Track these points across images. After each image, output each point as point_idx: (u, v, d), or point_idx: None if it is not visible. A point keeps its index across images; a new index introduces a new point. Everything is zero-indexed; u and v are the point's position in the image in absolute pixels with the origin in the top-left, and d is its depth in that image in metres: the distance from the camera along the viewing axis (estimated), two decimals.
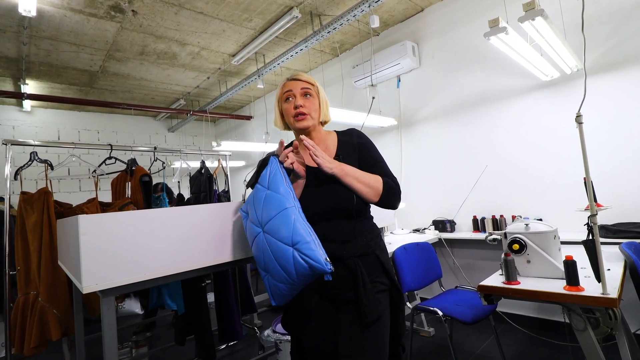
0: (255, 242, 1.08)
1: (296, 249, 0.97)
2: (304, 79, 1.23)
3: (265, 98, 5.50)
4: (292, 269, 0.98)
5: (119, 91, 4.82)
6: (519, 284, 1.49)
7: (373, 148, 1.26)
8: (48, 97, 4.33)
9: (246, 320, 3.23)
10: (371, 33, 3.72)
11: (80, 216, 1.06)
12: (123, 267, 1.12)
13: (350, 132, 1.28)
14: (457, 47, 3.16)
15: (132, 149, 2.72)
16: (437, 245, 3.08)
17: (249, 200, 1.16)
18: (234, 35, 3.50)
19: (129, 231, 1.14)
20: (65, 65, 3.83)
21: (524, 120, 2.77)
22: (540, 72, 2.44)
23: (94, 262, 1.07)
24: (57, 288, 2.13)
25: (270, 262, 1.02)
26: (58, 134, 5.31)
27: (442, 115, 3.31)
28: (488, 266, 2.97)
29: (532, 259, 1.56)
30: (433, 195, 3.40)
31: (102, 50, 3.57)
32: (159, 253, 1.18)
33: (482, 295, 1.53)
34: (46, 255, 2.12)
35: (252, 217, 1.11)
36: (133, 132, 6.04)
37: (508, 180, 2.87)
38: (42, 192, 2.16)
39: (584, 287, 1.32)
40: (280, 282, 1.02)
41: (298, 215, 1.02)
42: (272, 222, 1.02)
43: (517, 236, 1.60)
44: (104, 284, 1.08)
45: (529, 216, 2.69)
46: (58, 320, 2.08)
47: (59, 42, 3.31)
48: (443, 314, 1.98)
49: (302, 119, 1.19)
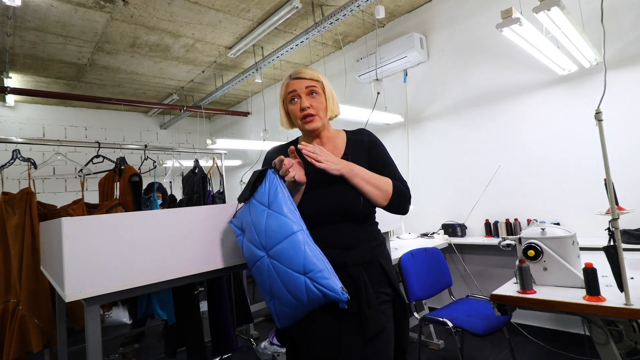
0: (257, 266, 1.06)
1: (309, 277, 0.99)
2: (307, 76, 1.22)
3: (263, 93, 5.50)
4: (304, 297, 0.99)
5: (109, 85, 4.83)
6: (535, 293, 1.47)
7: (384, 149, 1.27)
8: (33, 91, 4.34)
9: (242, 331, 3.22)
10: (376, 24, 3.72)
11: (63, 219, 1.05)
12: (109, 273, 1.11)
13: (360, 132, 1.29)
14: (468, 39, 3.15)
15: (121, 147, 2.71)
16: (446, 250, 3.06)
17: (244, 216, 1.12)
18: (231, 26, 3.49)
19: (116, 235, 1.13)
20: (52, 58, 3.84)
21: (540, 117, 2.75)
22: (556, 65, 2.43)
23: (77, 268, 1.06)
24: (39, 296, 2.12)
25: (278, 288, 1.02)
26: (43, 130, 5.33)
27: (451, 111, 3.29)
28: (502, 274, 2.95)
29: (548, 266, 1.55)
30: (442, 197, 3.38)
31: (90, 42, 3.57)
32: (148, 258, 1.17)
33: (495, 305, 1.52)
34: (28, 261, 2.11)
35: (251, 238, 1.08)
36: (123, 129, 6.05)
37: (523, 182, 2.85)
38: (25, 192, 2.16)
39: (606, 297, 1.31)
40: (289, 307, 1.03)
41: (307, 240, 1.02)
42: (279, 248, 1.02)
43: (533, 241, 1.58)
44: (88, 292, 1.07)
45: (545, 220, 2.68)
46: (39, 330, 2.07)
47: (45, 34, 3.32)
48: (453, 325, 1.97)
49: (311, 121, 1.20)
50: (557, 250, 1.54)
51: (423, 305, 2.99)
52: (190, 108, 5.24)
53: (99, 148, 2.56)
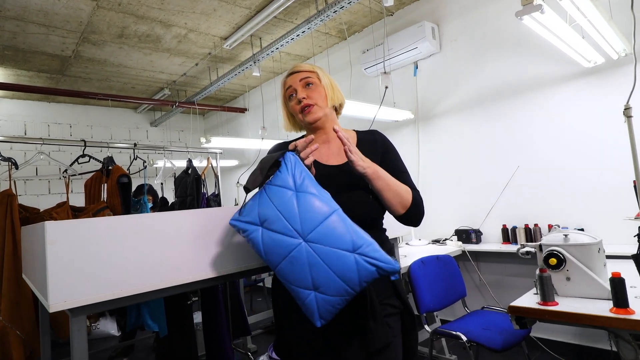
0: (292, 256, 1.02)
1: (359, 253, 0.99)
2: (301, 69, 1.26)
3: (261, 87, 5.52)
4: (355, 277, 0.98)
5: (95, 79, 4.86)
6: (557, 305, 1.46)
7: (398, 155, 1.29)
8: (13, 85, 4.37)
9: (238, 344, 3.23)
10: (384, 12, 3.72)
11: (47, 222, 1.06)
12: (97, 282, 1.11)
13: (372, 133, 1.31)
14: (484, 29, 3.15)
15: (109, 146, 2.73)
16: (460, 258, 3.06)
17: (261, 207, 1.08)
18: (226, 15, 3.51)
19: (104, 240, 1.13)
20: (34, 50, 3.86)
21: (563, 113, 2.74)
22: (581, 57, 2.42)
23: (62, 275, 1.06)
24: (20, 306, 2.13)
25: (324, 274, 1.00)
26: (25, 128, 5.36)
27: (466, 107, 3.29)
28: (520, 284, 2.94)
29: (572, 275, 1.54)
30: (455, 200, 3.38)
31: (75, 33, 3.59)
32: (138, 266, 1.18)
33: (513, 318, 1.51)
34: (9, 268, 2.12)
35: (279, 227, 1.04)
36: (110, 126, 6.08)
37: (543, 184, 2.84)
38: (5, 194, 2.17)
39: (635, 309, 1.30)
40: (338, 295, 1.01)
41: (347, 217, 1.03)
42: (322, 229, 1.01)
43: (555, 249, 1.58)
44: (73, 302, 1.07)
45: (568, 225, 2.67)
46: (21, 342, 2.09)
47: (26, 23, 3.34)
48: (467, 339, 1.96)
49: (309, 111, 1.22)
50: (582, 258, 1.53)
51: (434, 318, 2.98)
52: (183, 104, 5.26)
53: (84, 147, 2.57)
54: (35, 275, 1.36)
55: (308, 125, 1.27)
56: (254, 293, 5.23)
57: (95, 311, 1.16)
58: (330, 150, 1.27)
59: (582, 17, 1.84)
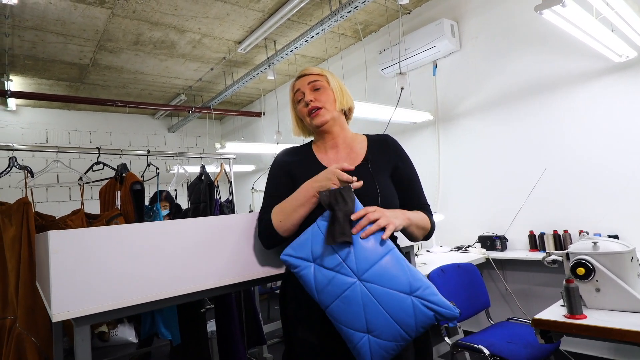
0: (345, 296, 0.99)
1: (416, 296, 0.97)
2: (310, 72, 1.28)
3: (276, 91, 5.56)
4: (412, 322, 0.96)
5: (113, 86, 5.00)
6: (585, 318, 1.40)
7: (412, 164, 1.29)
8: (34, 94, 4.55)
9: (253, 353, 3.22)
10: (400, 11, 3.69)
11: (51, 232, 1.08)
12: (101, 291, 1.13)
13: (384, 139, 1.30)
14: (506, 25, 3.08)
15: (123, 153, 2.79)
16: (484, 266, 2.99)
17: (315, 242, 1.05)
18: (240, 18, 3.55)
19: (109, 249, 1.15)
20: (53, 59, 4.01)
21: (593, 111, 2.65)
22: (611, 51, 2.34)
23: (66, 285, 1.08)
24: (36, 313, 2.19)
25: (378, 317, 0.97)
26: (46, 135, 5.57)
27: (488, 107, 3.22)
28: (550, 294, 2.84)
29: (602, 286, 1.47)
30: (479, 205, 3.30)
31: (92, 41, 3.71)
32: (144, 275, 1.19)
33: (537, 332, 1.46)
34: (25, 275, 2.19)
35: (333, 264, 1.02)
36: (129, 132, 6.25)
37: (573, 187, 2.75)
38: (21, 202, 2.24)
39: None
40: (394, 340, 0.98)
41: (403, 256, 1.03)
42: (378, 268, 1.00)
43: (583, 257, 1.51)
44: (77, 311, 1.09)
45: (600, 232, 2.56)
46: (37, 349, 2.14)
47: (45, 33, 3.47)
48: (490, 352, 1.90)
49: (317, 114, 1.23)
50: (612, 267, 1.46)
51: (457, 329, 2.90)
52: (199, 109, 5.35)
53: (99, 154, 2.64)
54: (43, 283, 1.39)
55: (316, 129, 1.27)
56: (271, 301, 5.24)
57: (100, 321, 1.17)
58: (339, 155, 1.27)
59: (609, 9, 1.76)
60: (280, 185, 1.25)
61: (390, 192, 1.18)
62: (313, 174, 1.18)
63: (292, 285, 1.18)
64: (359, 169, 1.21)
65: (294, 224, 1.15)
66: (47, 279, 1.13)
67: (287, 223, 1.15)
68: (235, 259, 1.33)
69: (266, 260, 1.37)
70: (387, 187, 1.18)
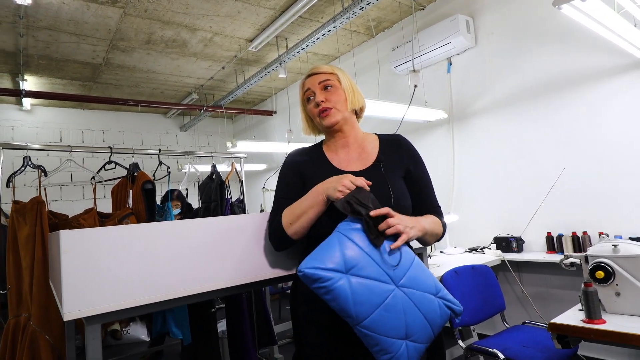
0: (387, 304, 0.97)
1: (440, 297, 1.03)
2: (320, 71, 1.27)
3: (288, 90, 5.57)
4: (439, 321, 1.02)
5: (125, 85, 5.08)
6: (604, 323, 1.39)
7: (425, 167, 1.29)
8: (48, 94, 4.65)
9: (264, 353, 3.24)
10: (414, 7, 3.66)
11: (62, 231, 1.10)
12: (111, 290, 1.14)
13: (397, 139, 1.30)
14: (523, 21, 3.04)
15: (134, 152, 2.83)
16: (499, 268, 2.95)
17: (347, 250, 0.99)
18: (251, 16, 3.57)
19: (119, 249, 1.17)
20: (66, 58, 4.09)
21: (614, 109, 2.59)
22: (633, 47, 2.28)
23: (76, 284, 1.10)
24: (50, 311, 2.23)
25: (417, 321, 0.98)
26: (60, 134, 5.68)
27: (505, 105, 3.18)
28: (568, 297, 2.80)
29: (622, 290, 1.45)
30: (494, 205, 3.27)
31: (104, 40, 3.77)
32: (155, 274, 1.20)
33: (554, 337, 1.45)
34: (39, 273, 2.23)
35: (371, 272, 0.98)
36: (141, 131, 6.34)
37: (592, 187, 2.70)
38: (35, 201, 2.29)
39: None
40: (426, 342, 1.00)
41: None
42: (411, 272, 1.03)
43: (602, 260, 1.49)
44: (87, 310, 1.11)
45: (621, 234, 2.51)
46: (50, 347, 2.19)
47: (58, 33, 3.54)
48: (505, 357, 1.88)
49: (327, 115, 1.22)
50: (633, 271, 1.44)
51: (471, 332, 2.87)
52: (211, 108, 5.39)
53: (111, 154, 2.68)
54: (55, 283, 1.42)
55: (326, 129, 1.27)
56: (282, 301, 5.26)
57: (110, 320, 1.19)
58: (350, 155, 1.26)
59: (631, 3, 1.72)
60: (290, 186, 1.26)
61: (402, 193, 1.18)
62: (324, 174, 1.18)
63: (303, 286, 1.18)
64: (371, 169, 1.20)
65: (303, 226, 1.15)
66: (58, 278, 1.15)
67: (297, 225, 1.15)
68: (245, 259, 1.34)
69: (277, 261, 1.38)
70: (399, 188, 1.18)
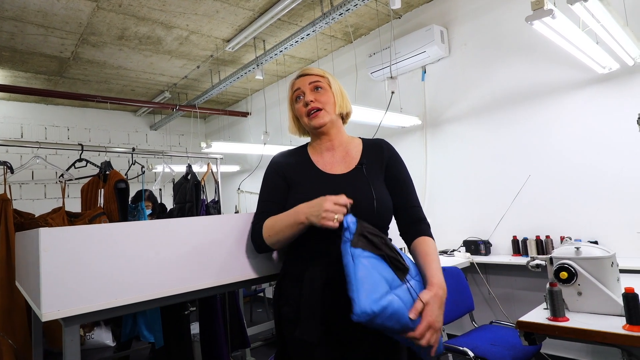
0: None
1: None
2: (312, 72, 1.28)
3: (264, 91, 5.55)
4: None
5: (94, 81, 4.92)
6: (568, 320, 1.46)
7: (404, 167, 1.31)
8: (10, 87, 4.43)
9: (237, 356, 3.22)
10: (391, 15, 3.75)
11: (41, 229, 1.08)
12: (91, 290, 1.13)
13: (379, 143, 1.32)
14: (495, 33, 3.16)
15: (107, 150, 2.76)
16: (468, 270, 3.04)
17: (378, 271, 1.01)
18: (229, 16, 3.55)
19: (99, 248, 1.15)
20: (32, 51, 3.92)
21: (576, 121, 2.74)
22: (595, 63, 2.43)
23: (56, 284, 1.08)
24: (13, 314, 2.15)
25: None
26: (21, 130, 5.43)
27: (475, 113, 3.29)
28: (531, 297, 2.92)
29: (584, 290, 1.53)
30: (464, 210, 3.37)
31: (74, 34, 3.65)
32: (134, 275, 1.19)
33: (521, 334, 1.51)
34: (2, 275, 2.14)
35: (397, 282, 1.04)
36: (109, 129, 6.15)
37: (556, 194, 2.83)
38: (0, 199, 2.20)
39: None
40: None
41: None
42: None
43: (566, 262, 1.57)
44: (67, 311, 1.09)
45: (581, 238, 2.65)
46: (14, 352, 2.10)
47: (25, 24, 3.39)
48: (474, 355, 1.95)
49: (316, 116, 1.24)
50: (594, 272, 1.52)
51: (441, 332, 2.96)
52: (184, 107, 5.30)
53: (81, 151, 2.60)
54: (28, 283, 1.38)
55: (313, 130, 1.28)
56: (254, 303, 5.23)
57: (89, 320, 1.17)
58: (334, 158, 1.28)
59: (595, 22, 1.85)
60: (275, 189, 1.27)
61: (384, 195, 1.21)
62: (308, 176, 1.21)
63: (287, 285, 1.20)
64: (354, 172, 1.23)
65: (280, 241, 1.18)
66: (35, 278, 1.12)
67: (274, 239, 1.18)
68: (229, 259, 1.35)
69: (260, 261, 1.39)
70: (381, 190, 1.21)
